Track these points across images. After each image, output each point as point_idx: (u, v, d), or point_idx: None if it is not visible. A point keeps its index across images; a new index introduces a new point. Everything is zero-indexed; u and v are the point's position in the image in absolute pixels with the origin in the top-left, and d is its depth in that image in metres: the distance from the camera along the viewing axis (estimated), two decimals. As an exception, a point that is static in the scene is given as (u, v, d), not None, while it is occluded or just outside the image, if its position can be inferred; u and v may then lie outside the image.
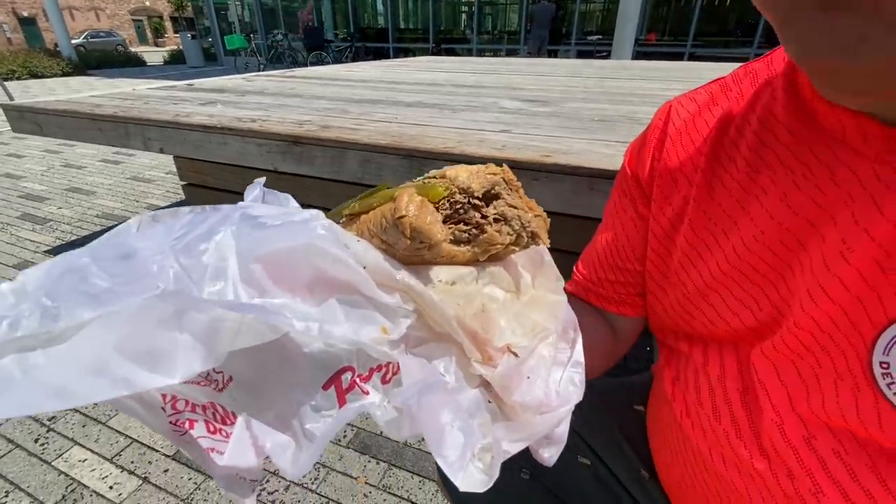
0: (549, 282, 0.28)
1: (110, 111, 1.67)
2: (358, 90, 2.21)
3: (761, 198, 0.33)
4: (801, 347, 0.31)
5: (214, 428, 0.23)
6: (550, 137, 1.25)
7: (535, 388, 0.25)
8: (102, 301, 0.19)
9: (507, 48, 10.62)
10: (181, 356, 0.17)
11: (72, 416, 1.34)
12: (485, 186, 0.24)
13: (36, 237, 2.48)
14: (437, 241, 0.22)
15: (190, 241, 0.21)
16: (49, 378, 0.17)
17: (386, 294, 0.22)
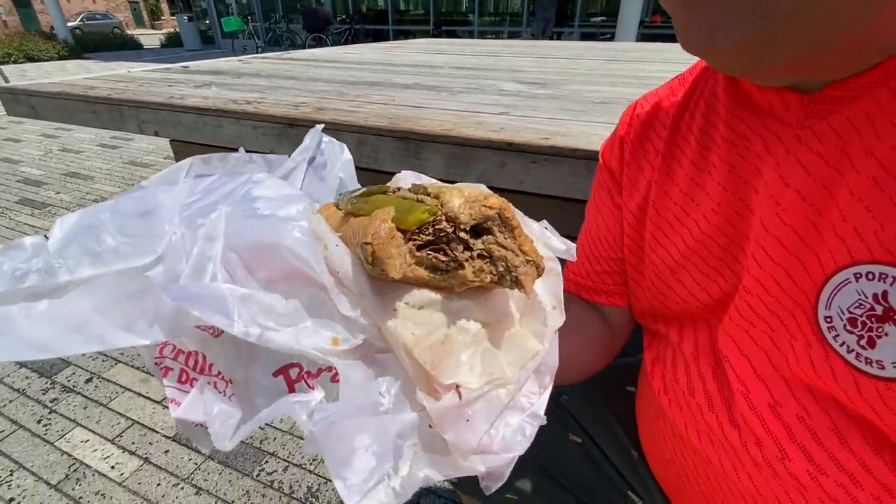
0: (535, 324, 0.26)
1: (104, 93, 1.65)
2: (355, 72, 2.18)
3: (713, 173, 0.36)
4: (752, 313, 0.33)
5: (187, 378, 0.24)
6: (550, 119, 1.24)
7: (472, 431, 0.23)
8: (103, 260, 0.22)
9: (508, 30, 10.44)
10: (143, 328, 0.19)
11: (73, 398, 1.35)
12: (475, 219, 0.23)
13: (34, 222, 2.48)
14: (393, 277, 0.21)
15: (195, 211, 0.23)
16: (40, 326, 0.20)
17: (350, 305, 0.22)
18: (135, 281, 0.21)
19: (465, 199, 0.23)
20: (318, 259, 0.22)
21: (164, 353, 0.24)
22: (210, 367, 0.24)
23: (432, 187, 0.25)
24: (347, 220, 0.24)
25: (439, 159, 1.17)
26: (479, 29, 10.38)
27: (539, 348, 0.26)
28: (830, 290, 0.28)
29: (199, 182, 0.25)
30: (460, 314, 0.24)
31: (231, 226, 0.23)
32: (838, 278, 0.28)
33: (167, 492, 1.07)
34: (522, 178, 1.10)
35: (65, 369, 1.47)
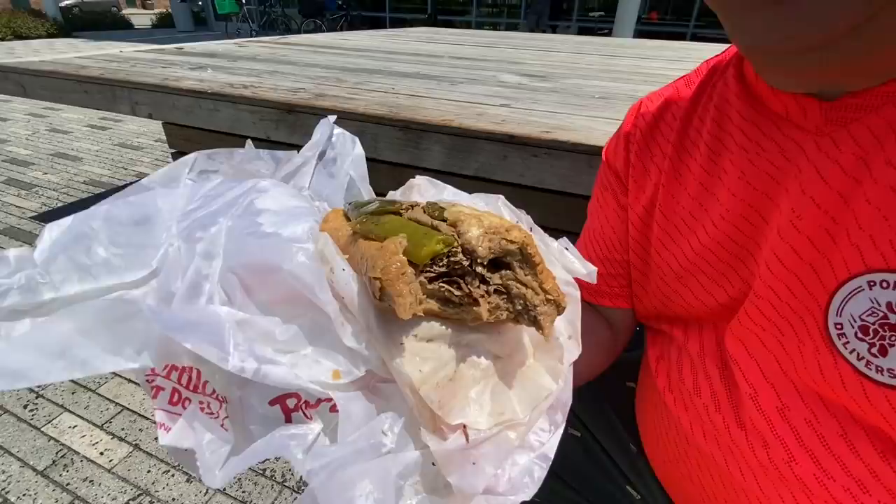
0: (550, 359, 0.25)
1: (96, 73, 1.61)
2: (354, 59, 2.15)
3: (723, 178, 0.35)
4: (763, 318, 0.33)
5: (179, 398, 0.22)
6: (551, 113, 1.23)
7: (479, 474, 0.21)
8: (92, 274, 0.20)
9: (506, 21, 10.36)
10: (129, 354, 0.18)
11: (61, 383, 1.33)
12: (494, 253, 0.21)
13: (21, 202, 2.42)
14: (402, 317, 0.19)
15: (194, 222, 0.21)
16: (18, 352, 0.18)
17: (353, 335, 0.21)
18: (120, 303, 0.19)
19: (485, 230, 0.21)
20: (322, 286, 0.20)
21: (155, 371, 0.22)
22: (204, 385, 0.22)
23: (449, 209, 0.23)
24: (356, 241, 0.23)
25: (439, 149, 1.16)
26: (477, 20, 10.29)
27: (553, 387, 0.24)
28: (842, 298, 0.28)
29: (201, 186, 0.24)
30: (471, 347, 0.23)
31: (232, 243, 0.21)
32: (851, 286, 0.28)
33: (157, 478, 1.06)
34: (523, 172, 1.09)
35: (52, 354, 1.45)
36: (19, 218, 2.28)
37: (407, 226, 0.22)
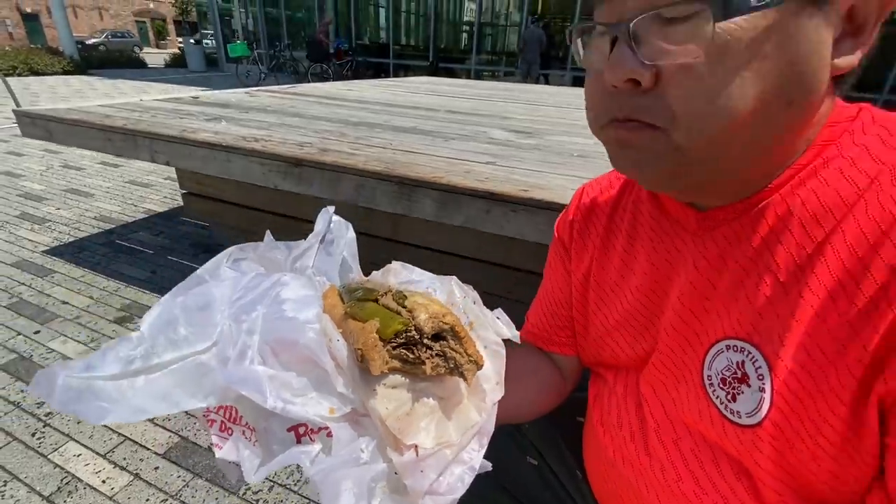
0: (477, 400, 0.35)
1: (120, 123, 1.76)
2: (357, 111, 2.33)
3: (637, 259, 0.46)
4: (664, 368, 0.43)
5: (225, 427, 0.32)
6: (531, 171, 1.37)
7: (425, 479, 0.31)
8: (178, 345, 0.31)
9: (504, 70, 10.88)
10: (203, 397, 0.29)
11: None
12: (435, 330, 0.32)
13: (34, 237, 2.53)
14: (374, 373, 0.30)
15: (239, 308, 0.32)
16: (134, 399, 0.28)
17: (343, 384, 0.31)
18: (198, 364, 0.29)
19: (430, 315, 0.32)
20: (323, 352, 0.30)
21: (210, 409, 0.32)
22: (240, 418, 0.32)
23: (409, 299, 0.33)
24: (347, 319, 0.33)
25: (430, 202, 1.29)
26: (476, 67, 10.82)
27: (478, 419, 0.34)
28: (711, 356, 0.38)
29: (241, 278, 0.34)
30: (422, 392, 0.32)
31: (266, 324, 0.31)
32: (716, 348, 0.37)
33: (154, 508, 1.12)
34: (503, 225, 1.22)
35: (59, 384, 1.52)
36: (31, 252, 2.38)
37: (379, 311, 0.32)
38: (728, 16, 0.28)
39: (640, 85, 0.31)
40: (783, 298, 0.34)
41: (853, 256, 0.31)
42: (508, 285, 1.78)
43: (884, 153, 0.32)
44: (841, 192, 0.32)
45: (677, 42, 0.29)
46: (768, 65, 0.29)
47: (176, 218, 2.87)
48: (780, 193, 0.35)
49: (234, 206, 2.27)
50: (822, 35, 0.29)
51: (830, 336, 0.31)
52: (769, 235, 0.35)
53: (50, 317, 1.86)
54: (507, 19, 11.82)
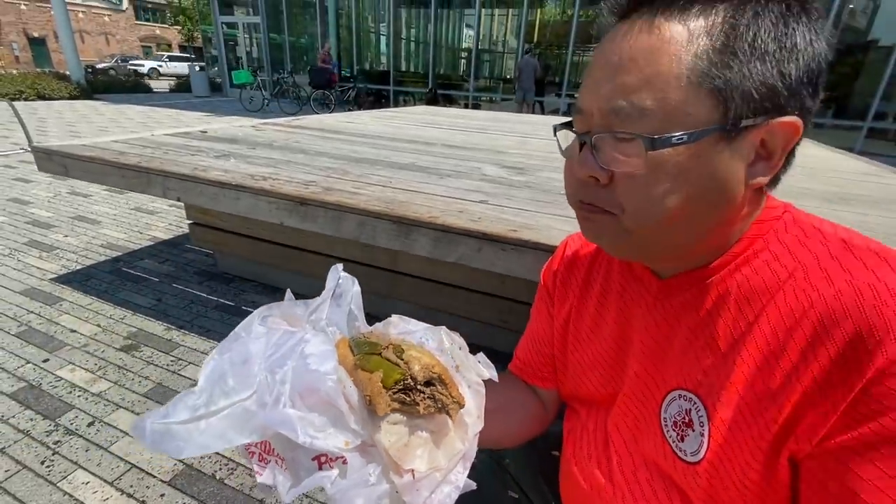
0: (461, 432, 0.43)
1: (134, 160, 1.86)
2: (358, 146, 2.44)
3: (609, 310, 0.55)
4: (627, 408, 0.51)
5: (262, 458, 0.40)
6: (520, 210, 1.46)
7: (420, 496, 0.38)
8: (228, 394, 0.39)
9: (501, 96, 11.17)
10: (248, 434, 0.36)
11: (76, 440, 1.45)
12: (426, 378, 0.40)
13: (42, 264, 2.61)
14: (379, 413, 0.39)
15: (273, 362, 0.39)
16: (201, 437, 0.37)
17: (355, 421, 0.39)
18: (244, 409, 0.37)
19: (422, 367, 0.40)
20: (339, 397, 0.37)
21: (251, 444, 0.40)
22: (273, 451, 0.39)
23: (406, 353, 0.41)
24: (357, 370, 0.41)
25: (426, 241, 1.38)
26: (474, 94, 11.13)
27: (462, 448, 0.41)
28: (667, 402, 0.45)
29: (272, 335, 0.42)
30: (417, 427, 0.40)
31: (294, 375, 0.38)
32: (671, 395, 0.45)
33: (160, 534, 1.16)
34: (494, 262, 1.30)
35: (68, 412, 1.57)
36: (40, 280, 2.45)
37: (382, 363, 0.41)
38: (655, 148, 0.37)
39: (599, 181, 0.40)
40: (722, 362, 0.41)
41: (775, 336, 0.38)
42: (502, 314, 1.85)
43: (800, 252, 0.40)
44: (766, 280, 0.40)
45: (625, 155, 0.38)
46: (692, 178, 0.37)
47: (181, 245, 2.96)
48: (720, 274, 0.43)
49: (239, 236, 2.36)
50: (735, 161, 0.38)
51: (755, 398, 0.39)
52: (713, 309, 0.43)
53: (58, 345, 1.92)
54: (505, 46, 12.21)
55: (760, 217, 0.43)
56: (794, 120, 0.37)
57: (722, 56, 0.35)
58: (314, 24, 12.55)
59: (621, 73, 0.37)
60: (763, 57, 0.35)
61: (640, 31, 0.37)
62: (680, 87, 0.36)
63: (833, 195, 1.90)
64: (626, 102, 0.37)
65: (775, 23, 0.35)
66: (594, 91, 0.40)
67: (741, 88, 0.36)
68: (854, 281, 0.36)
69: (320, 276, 0.51)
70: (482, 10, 10.92)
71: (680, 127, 0.36)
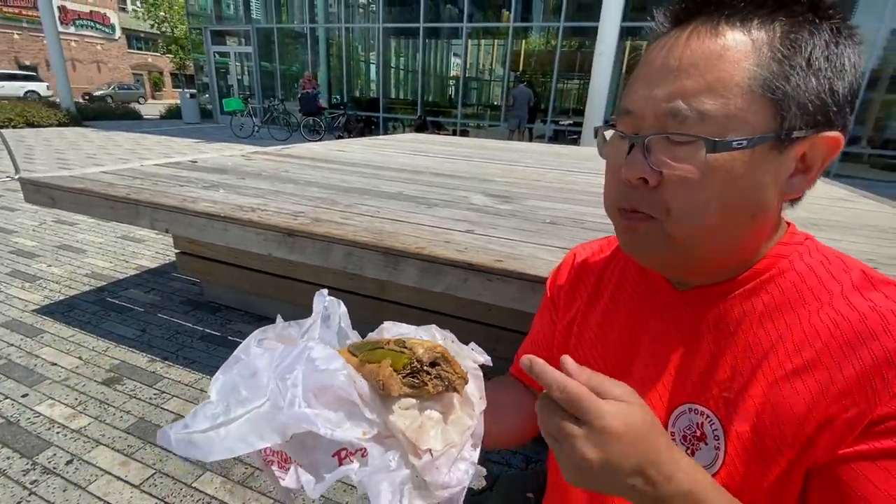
0: (469, 410, 0.46)
1: (123, 192, 1.87)
2: (347, 175, 2.48)
3: (619, 316, 0.54)
4: None
5: (280, 465, 0.42)
6: (506, 241, 1.50)
7: (440, 474, 0.41)
8: (243, 403, 0.41)
9: (489, 123, 11.43)
10: (272, 437, 0.38)
11: (53, 480, 1.41)
12: (431, 359, 0.43)
13: (25, 295, 2.57)
14: (392, 396, 0.41)
15: (282, 370, 0.42)
16: (224, 442, 0.39)
17: (369, 412, 0.41)
18: (261, 415, 0.39)
19: (425, 349, 0.43)
20: (352, 389, 0.40)
21: (267, 454, 0.43)
22: (289, 459, 0.42)
23: (407, 342, 0.44)
24: (363, 365, 0.43)
25: (413, 271, 1.40)
26: (461, 121, 11.37)
27: (471, 423, 0.44)
28: (675, 416, 0.45)
29: (274, 352, 0.44)
30: (428, 409, 0.43)
31: (305, 378, 0.40)
32: (679, 409, 0.45)
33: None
34: (480, 292, 1.32)
35: (46, 450, 1.52)
36: (21, 311, 2.41)
37: (388, 353, 0.43)
38: (716, 151, 0.37)
39: (647, 182, 0.41)
40: (741, 376, 0.42)
41: (798, 354, 0.40)
42: (489, 342, 1.85)
43: (824, 276, 0.42)
44: (792, 300, 0.42)
45: (678, 159, 0.39)
46: (740, 185, 0.39)
47: (167, 274, 2.93)
48: (744, 289, 0.44)
49: (227, 265, 2.36)
50: (779, 172, 0.39)
51: (775, 413, 0.39)
52: (734, 323, 0.44)
53: (38, 379, 1.88)
54: (491, 74, 12.56)
55: (784, 240, 0.45)
56: (837, 135, 0.39)
57: (782, 67, 0.37)
58: (305, 52, 12.83)
59: (682, 76, 0.38)
60: (817, 73, 0.37)
61: (701, 37, 0.38)
62: (741, 95, 0.37)
63: (806, 220, 1.97)
64: (686, 105, 0.38)
65: (828, 42, 0.37)
66: (647, 93, 0.40)
67: (798, 101, 0.37)
68: (878, 308, 0.38)
69: (308, 304, 0.53)
70: (469, 40, 11.28)
71: (738, 133, 0.37)
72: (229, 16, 13.86)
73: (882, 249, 1.61)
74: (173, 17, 23.01)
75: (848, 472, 0.36)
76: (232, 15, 13.79)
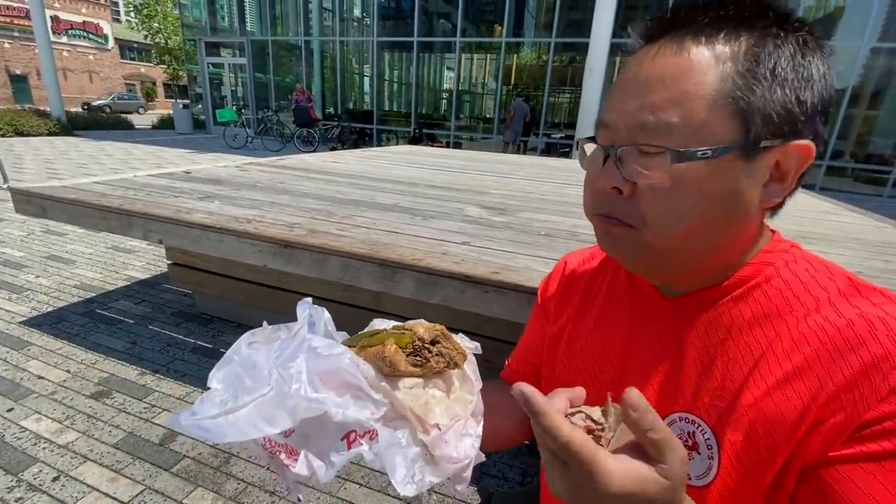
0: (468, 387, 0.47)
1: (116, 203, 1.86)
2: (343, 187, 2.49)
3: (609, 325, 0.54)
4: None
5: (289, 455, 0.42)
6: (502, 252, 1.51)
7: (449, 447, 0.42)
8: (249, 391, 0.41)
9: (482, 136, 11.54)
10: (282, 420, 0.39)
11: (39, 497, 1.37)
12: (432, 336, 0.45)
13: (11, 307, 2.52)
14: (400, 370, 0.43)
15: (283, 360, 0.42)
16: (235, 426, 0.39)
17: (375, 392, 0.42)
18: (267, 400, 0.40)
19: (425, 328, 0.45)
20: (357, 373, 0.41)
21: (272, 446, 0.42)
22: (295, 450, 0.42)
23: (406, 325, 0.46)
24: (364, 350, 0.44)
25: (410, 282, 1.40)
26: (455, 134, 11.47)
27: (472, 398, 0.46)
28: (666, 424, 0.45)
29: (273, 345, 0.45)
30: (431, 387, 0.44)
31: (309, 364, 0.41)
32: (671, 417, 0.45)
33: None
34: (476, 304, 1.33)
35: (32, 466, 1.48)
36: (8, 322, 2.36)
37: (389, 335, 0.45)
38: (681, 161, 0.39)
39: (622, 192, 0.42)
40: (731, 384, 0.43)
41: (787, 360, 0.40)
42: (486, 354, 1.86)
43: (810, 283, 0.43)
44: (779, 307, 0.43)
45: (649, 168, 0.40)
46: (711, 193, 0.40)
47: (158, 285, 2.90)
48: (730, 296, 0.45)
49: (220, 276, 2.34)
50: (751, 179, 0.40)
51: (767, 420, 0.40)
52: (723, 331, 0.44)
53: (24, 393, 1.84)
54: (484, 88, 12.71)
55: (768, 247, 0.46)
56: (808, 143, 0.40)
57: (745, 80, 0.38)
58: (299, 64, 12.90)
59: (649, 91, 0.40)
60: (783, 84, 0.38)
61: (668, 54, 0.40)
62: (705, 107, 0.38)
63: (794, 233, 2.01)
64: (653, 118, 0.39)
65: (794, 54, 0.38)
66: (621, 107, 0.42)
67: (762, 111, 0.38)
68: (865, 314, 0.39)
69: None
70: (462, 54, 11.44)
71: (704, 144, 0.38)
72: (224, 27, 13.92)
73: (868, 262, 1.64)
74: (167, 28, 23.09)
75: (833, 474, 0.37)
76: (226, 27, 13.85)
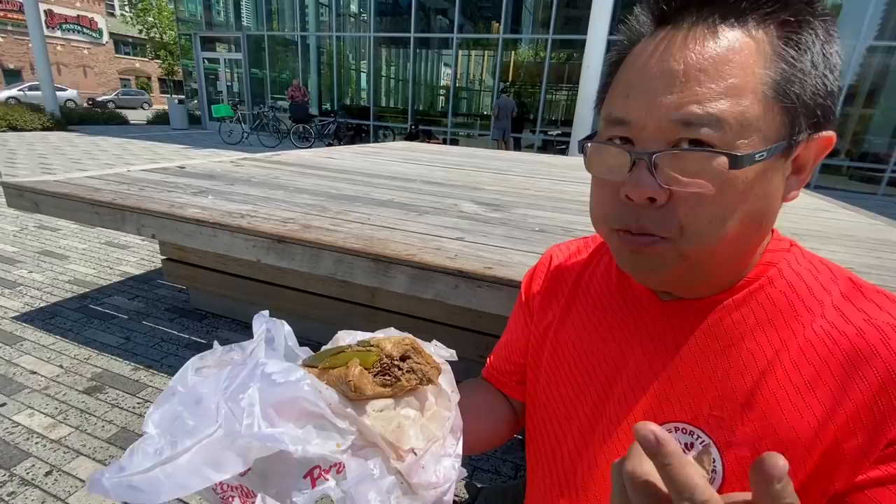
0: (444, 402, 0.44)
1: (109, 197, 1.84)
2: (338, 182, 2.48)
3: (598, 325, 0.51)
4: (609, 436, 0.47)
5: (243, 500, 0.39)
6: (496, 248, 1.51)
7: (427, 473, 0.38)
8: (191, 433, 0.36)
9: (479, 132, 11.53)
10: (232, 464, 0.34)
11: (32, 492, 1.37)
12: (401, 352, 0.41)
13: (4, 302, 2.50)
14: (367, 396, 0.39)
15: (232, 391, 0.38)
16: (174, 479, 0.34)
17: (340, 420, 0.38)
18: (214, 442, 0.35)
19: (393, 343, 0.40)
20: (318, 400, 0.36)
21: (223, 490, 0.37)
22: (251, 493, 0.37)
23: (372, 340, 0.41)
24: (326, 373, 0.39)
25: (404, 278, 1.40)
26: (452, 130, 11.45)
27: (449, 415, 0.42)
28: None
29: (221, 374, 0.39)
30: (403, 408, 0.40)
31: (263, 394, 0.35)
32: (665, 427, 0.38)
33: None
34: (470, 299, 1.33)
35: (24, 461, 1.48)
36: (0, 318, 2.35)
37: (353, 354, 0.41)
38: (740, 166, 0.34)
39: (654, 201, 0.37)
40: (732, 396, 0.40)
41: (796, 371, 0.38)
42: (479, 349, 1.86)
43: (814, 286, 0.41)
44: (784, 311, 0.40)
45: (691, 174, 0.35)
46: (753, 196, 0.36)
47: (153, 281, 2.89)
48: (733, 299, 0.42)
49: (214, 272, 2.33)
50: (782, 176, 0.38)
51: (777, 435, 0.37)
52: (725, 338, 0.42)
53: (17, 388, 1.83)
54: (481, 84, 12.69)
55: (770, 247, 0.44)
56: (831, 135, 0.38)
57: (793, 70, 0.35)
58: (295, 60, 12.84)
59: (691, 83, 0.34)
60: (820, 73, 0.35)
61: (702, 38, 0.35)
62: (757, 101, 0.34)
63: (788, 230, 2.02)
64: (702, 113, 0.34)
65: (824, 41, 0.35)
66: (649, 101, 0.36)
67: (805, 104, 0.35)
68: (873, 321, 0.37)
69: (297, 312, 0.51)
70: (459, 50, 11.40)
71: (751, 141, 0.35)
72: (219, 22, 13.82)
73: (860, 259, 1.66)
74: (162, 23, 22.88)
75: (863, 499, 0.34)
76: (222, 21, 13.75)
